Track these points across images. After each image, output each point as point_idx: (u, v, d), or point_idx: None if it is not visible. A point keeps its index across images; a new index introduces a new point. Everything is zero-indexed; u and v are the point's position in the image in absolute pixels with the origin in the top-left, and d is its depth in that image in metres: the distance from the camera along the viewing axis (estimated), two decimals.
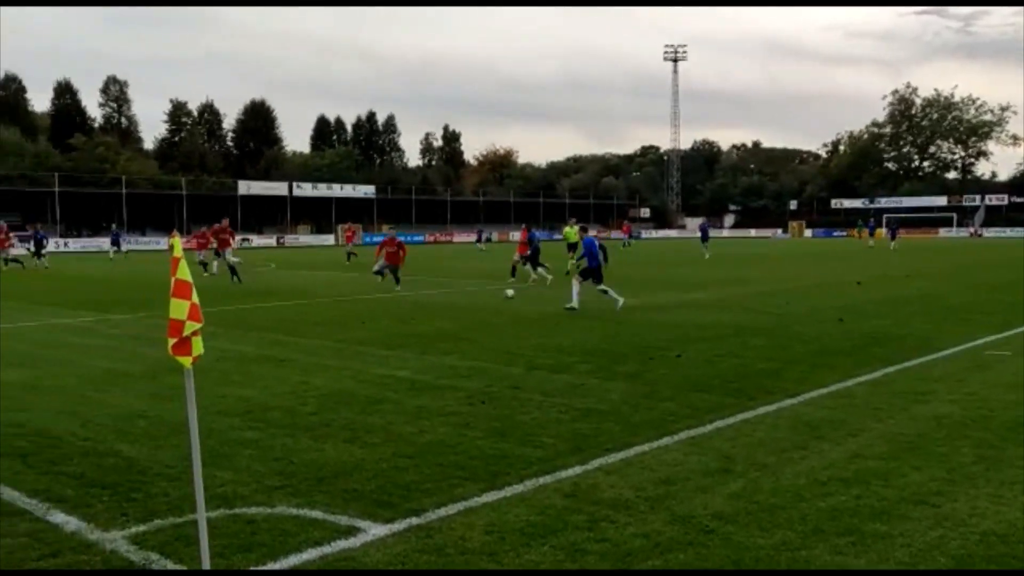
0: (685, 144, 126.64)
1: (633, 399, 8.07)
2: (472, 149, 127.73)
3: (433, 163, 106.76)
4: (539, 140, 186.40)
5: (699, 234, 44.12)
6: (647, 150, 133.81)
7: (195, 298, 4.22)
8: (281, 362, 10.38)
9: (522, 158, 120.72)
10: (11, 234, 35.55)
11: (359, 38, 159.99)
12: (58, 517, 4.95)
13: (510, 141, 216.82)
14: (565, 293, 17.05)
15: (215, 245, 27.03)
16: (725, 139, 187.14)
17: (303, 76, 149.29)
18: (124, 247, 47.61)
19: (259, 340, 12.36)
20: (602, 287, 16.50)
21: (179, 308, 4.19)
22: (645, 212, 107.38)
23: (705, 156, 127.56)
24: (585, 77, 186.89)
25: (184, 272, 4.25)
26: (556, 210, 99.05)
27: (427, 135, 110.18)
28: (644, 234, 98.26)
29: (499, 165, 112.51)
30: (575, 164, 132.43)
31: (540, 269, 23.86)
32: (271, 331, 13.40)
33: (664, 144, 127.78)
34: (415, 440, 6.64)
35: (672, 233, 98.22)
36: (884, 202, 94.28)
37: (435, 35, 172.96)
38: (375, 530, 4.76)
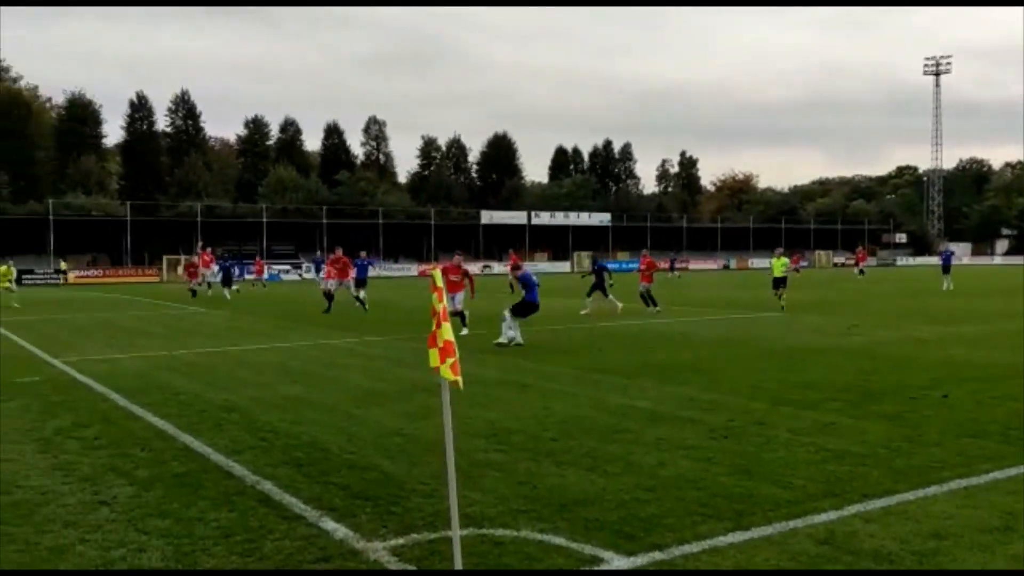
0: (948, 163, 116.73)
1: (893, 442, 7.47)
2: (710, 174, 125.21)
3: (669, 189, 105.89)
4: (781, 163, 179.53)
5: (940, 262, 38.10)
6: (903, 171, 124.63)
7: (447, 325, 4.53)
8: (523, 387, 10.69)
9: (763, 182, 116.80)
10: (200, 263, 34.99)
11: (596, 69, 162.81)
12: (329, 524, 5.39)
13: (750, 165, 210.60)
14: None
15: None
16: (997, 157, 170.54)
17: (543, 108, 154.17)
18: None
19: (501, 364, 12.81)
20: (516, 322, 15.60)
21: (447, 331, 4.51)
22: (901, 237, 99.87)
23: (973, 176, 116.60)
24: (831, 96, 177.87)
25: (445, 300, 4.59)
26: (799, 236, 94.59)
27: (663, 161, 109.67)
28: (900, 261, 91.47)
29: (738, 190, 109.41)
30: (820, 187, 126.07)
31: (589, 299, 22.94)
32: (512, 356, 13.84)
33: (924, 164, 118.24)
34: (656, 472, 6.56)
35: (932, 260, 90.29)
36: None
37: (672, 61, 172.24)
38: (618, 562, 4.74)
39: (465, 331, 16.80)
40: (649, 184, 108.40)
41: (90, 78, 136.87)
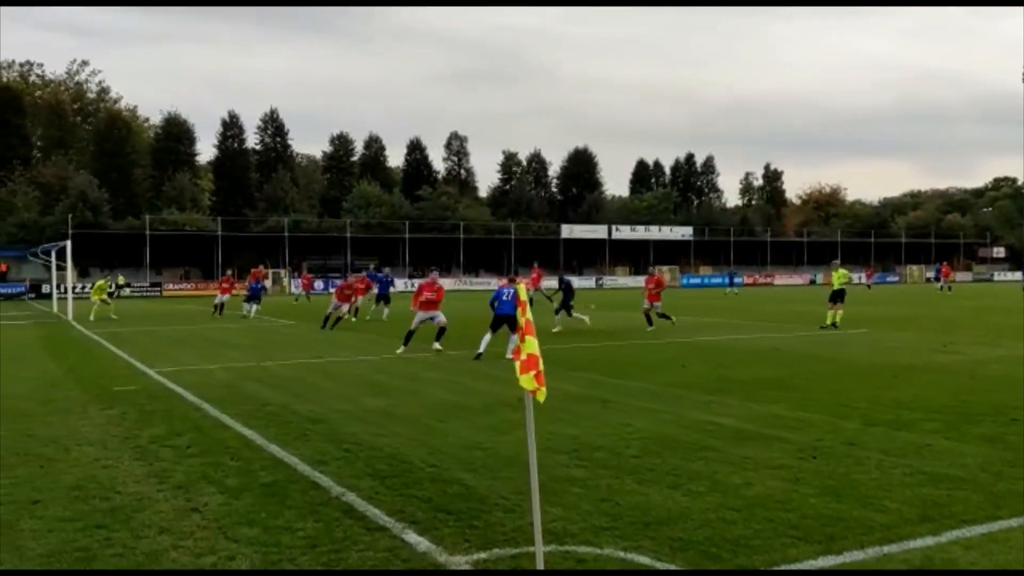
0: None
1: (994, 466, 7.13)
2: (795, 187, 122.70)
3: (753, 203, 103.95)
4: (870, 176, 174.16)
5: (1020, 277, 35.74)
6: (1000, 182, 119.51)
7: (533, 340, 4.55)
8: (604, 403, 10.60)
9: (851, 195, 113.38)
10: (234, 283, 34.62)
11: (677, 81, 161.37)
12: (411, 537, 5.43)
13: (837, 178, 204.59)
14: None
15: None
16: None
17: (623, 122, 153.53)
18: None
19: (582, 380, 12.74)
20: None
21: (532, 344, 4.55)
22: (999, 251, 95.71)
23: None
24: (924, 106, 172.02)
25: (528, 313, 4.63)
26: (890, 250, 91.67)
27: (747, 174, 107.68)
28: (997, 276, 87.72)
29: (825, 203, 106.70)
30: (912, 200, 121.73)
31: (574, 314, 22.05)
32: (592, 371, 13.76)
33: (1023, 175, 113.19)
34: (742, 492, 6.41)
35: None
36: None
37: (756, 72, 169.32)
38: None
39: (437, 345, 17.10)
40: (732, 197, 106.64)
41: (185, 98, 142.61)
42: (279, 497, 6.35)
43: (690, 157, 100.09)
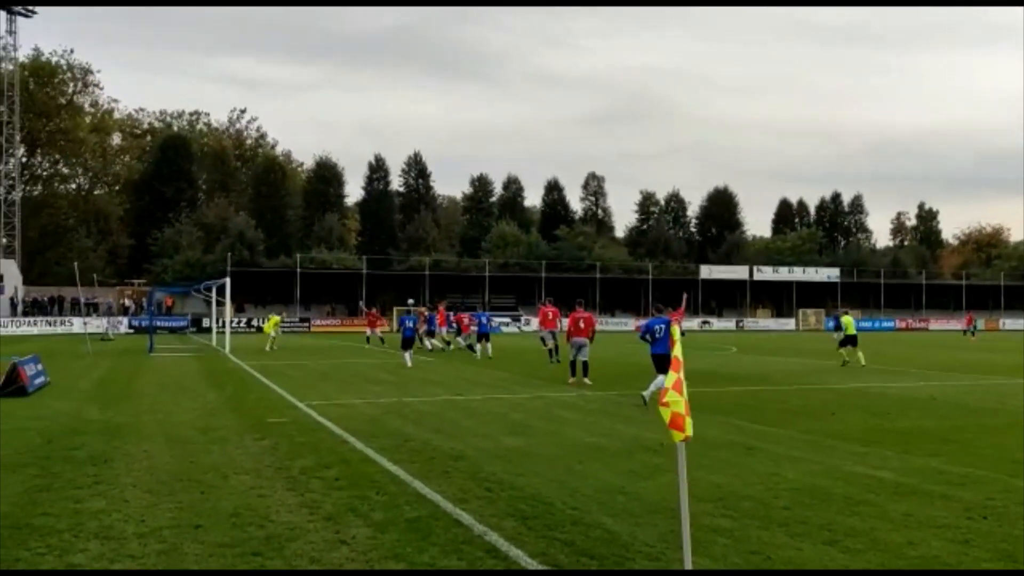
0: None
1: None
2: (952, 227, 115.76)
3: (905, 243, 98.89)
4: None
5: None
6: None
7: (681, 373, 4.70)
8: (749, 450, 10.23)
9: (1015, 235, 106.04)
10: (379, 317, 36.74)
11: (823, 118, 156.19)
12: None
13: (999, 217, 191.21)
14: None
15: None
16: None
17: (765, 161, 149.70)
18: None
19: (723, 425, 12.35)
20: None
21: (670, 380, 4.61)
22: None
23: None
24: None
25: (678, 350, 4.70)
26: None
27: (898, 214, 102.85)
28: None
29: (985, 244, 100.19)
30: None
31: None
32: (735, 416, 13.31)
33: None
34: (904, 552, 6.00)
35: None
36: None
37: (909, 107, 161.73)
38: None
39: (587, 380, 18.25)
40: (883, 238, 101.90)
41: (335, 142, 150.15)
42: (423, 533, 6.43)
43: (836, 196, 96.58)
